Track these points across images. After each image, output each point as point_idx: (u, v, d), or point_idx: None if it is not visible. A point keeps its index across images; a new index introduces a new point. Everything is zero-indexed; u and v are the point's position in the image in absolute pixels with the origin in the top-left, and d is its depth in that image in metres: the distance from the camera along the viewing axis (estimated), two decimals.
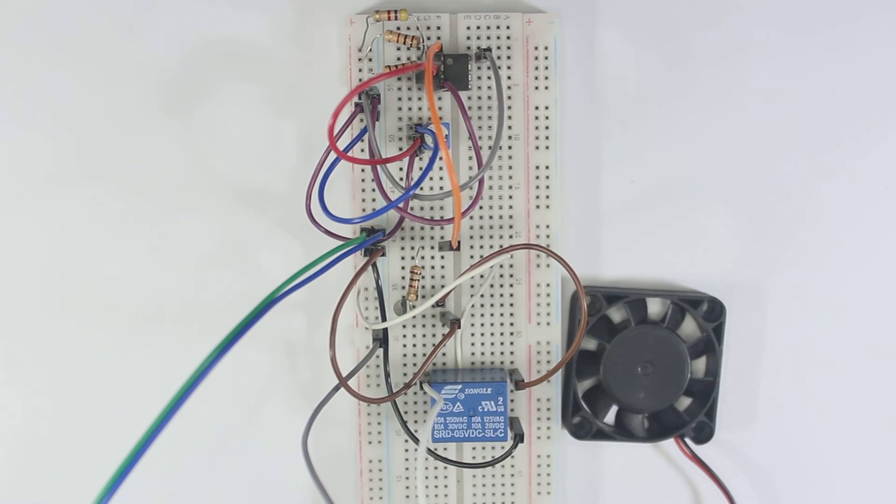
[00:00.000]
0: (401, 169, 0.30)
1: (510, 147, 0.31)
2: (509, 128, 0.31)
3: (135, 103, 0.31)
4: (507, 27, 0.30)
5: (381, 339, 0.30)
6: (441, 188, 0.31)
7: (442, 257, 0.31)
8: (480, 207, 0.31)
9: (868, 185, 0.33)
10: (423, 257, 0.31)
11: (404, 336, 0.31)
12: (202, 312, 0.31)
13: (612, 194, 0.32)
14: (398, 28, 0.30)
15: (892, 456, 0.34)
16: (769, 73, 0.32)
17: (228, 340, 0.21)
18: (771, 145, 0.32)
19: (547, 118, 0.31)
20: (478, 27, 0.30)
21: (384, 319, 0.30)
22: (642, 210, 0.32)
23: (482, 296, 0.31)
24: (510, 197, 0.31)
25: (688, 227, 0.33)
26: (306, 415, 0.27)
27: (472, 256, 0.31)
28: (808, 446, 0.34)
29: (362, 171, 0.30)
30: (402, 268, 0.31)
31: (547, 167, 0.31)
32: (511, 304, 0.31)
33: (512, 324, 0.31)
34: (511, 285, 0.31)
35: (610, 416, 0.33)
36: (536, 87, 0.31)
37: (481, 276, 0.31)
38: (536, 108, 0.31)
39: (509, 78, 0.30)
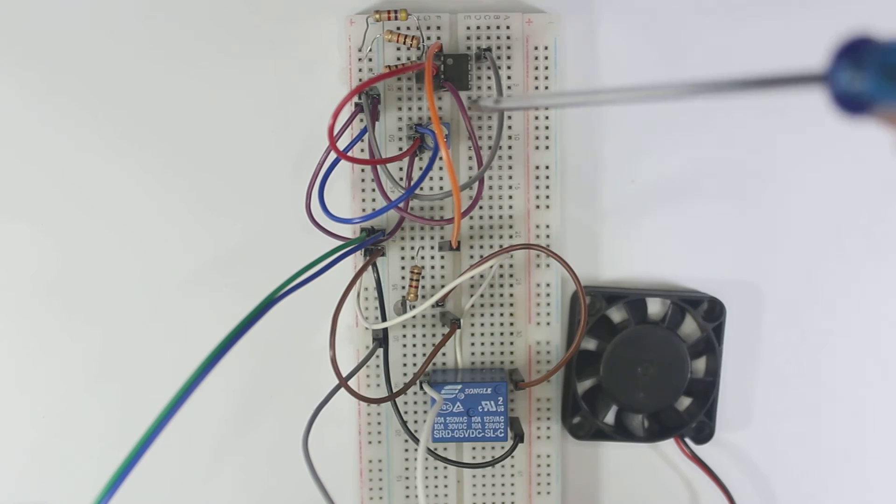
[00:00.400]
0: (401, 169, 0.30)
1: (510, 147, 0.31)
2: (509, 128, 0.31)
3: (132, 103, 0.31)
4: (507, 27, 0.30)
5: (381, 339, 0.30)
6: (441, 188, 0.31)
7: (442, 257, 0.31)
8: (480, 207, 0.31)
9: (868, 183, 0.33)
10: (423, 257, 0.31)
11: (404, 336, 0.31)
12: (202, 312, 0.31)
13: (612, 194, 0.32)
14: (398, 28, 0.30)
15: (892, 455, 0.34)
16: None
17: (228, 340, 0.21)
18: (771, 145, 0.32)
19: (547, 118, 0.31)
20: (478, 27, 0.30)
21: (384, 319, 0.30)
22: (642, 210, 0.32)
23: (482, 296, 0.31)
24: (510, 197, 0.31)
25: (687, 227, 0.33)
26: (306, 415, 0.27)
27: (472, 256, 0.31)
28: (807, 446, 0.34)
29: (362, 171, 0.30)
30: (402, 268, 0.31)
31: (547, 167, 0.31)
32: (511, 304, 0.31)
33: (512, 324, 0.31)
34: (511, 285, 0.31)
35: (610, 416, 0.33)
36: (536, 87, 0.31)
37: (481, 276, 0.31)
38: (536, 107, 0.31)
39: (509, 78, 0.30)
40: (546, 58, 0.30)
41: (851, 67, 0.12)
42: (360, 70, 0.30)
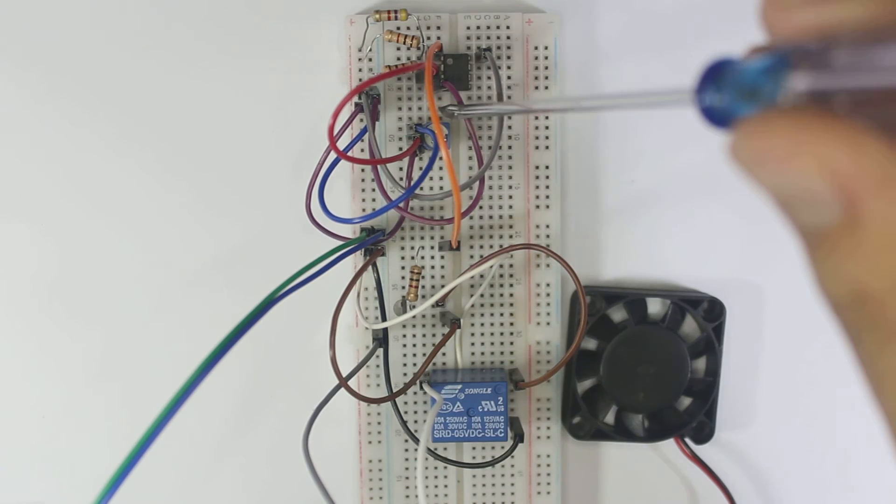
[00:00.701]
0: (401, 169, 0.30)
1: (510, 147, 0.31)
2: (509, 128, 0.31)
3: (132, 103, 0.31)
4: (507, 27, 0.30)
5: (381, 339, 0.30)
6: (441, 188, 0.31)
7: (442, 257, 0.31)
8: (480, 207, 0.31)
9: None
10: (423, 257, 0.31)
11: (404, 336, 0.31)
12: (202, 312, 0.31)
13: (612, 194, 0.32)
14: (398, 28, 0.30)
15: (892, 455, 0.34)
16: None
17: (228, 340, 0.21)
18: None
19: (547, 118, 0.31)
20: (478, 27, 0.30)
21: (384, 319, 0.30)
22: (642, 210, 0.32)
23: (482, 296, 0.31)
24: (510, 197, 0.31)
25: (687, 227, 0.33)
26: (306, 415, 0.27)
27: (472, 256, 0.31)
28: (807, 446, 0.34)
29: (362, 171, 0.30)
30: (402, 268, 0.31)
31: (547, 167, 0.31)
32: (511, 304, 0.31)
33: (512, 324, 0.31)
34: (511, 285, 0.31)
35: (610, 416, 0.33)
36: (536, 87, 0.31)
37: (481, 276, 0.31)
38: None
39: (509, 78, 0.30)
40: (546, 58, 0.30)
41: (713, 87, 0.13)
42: (360, 70, 0.30)
